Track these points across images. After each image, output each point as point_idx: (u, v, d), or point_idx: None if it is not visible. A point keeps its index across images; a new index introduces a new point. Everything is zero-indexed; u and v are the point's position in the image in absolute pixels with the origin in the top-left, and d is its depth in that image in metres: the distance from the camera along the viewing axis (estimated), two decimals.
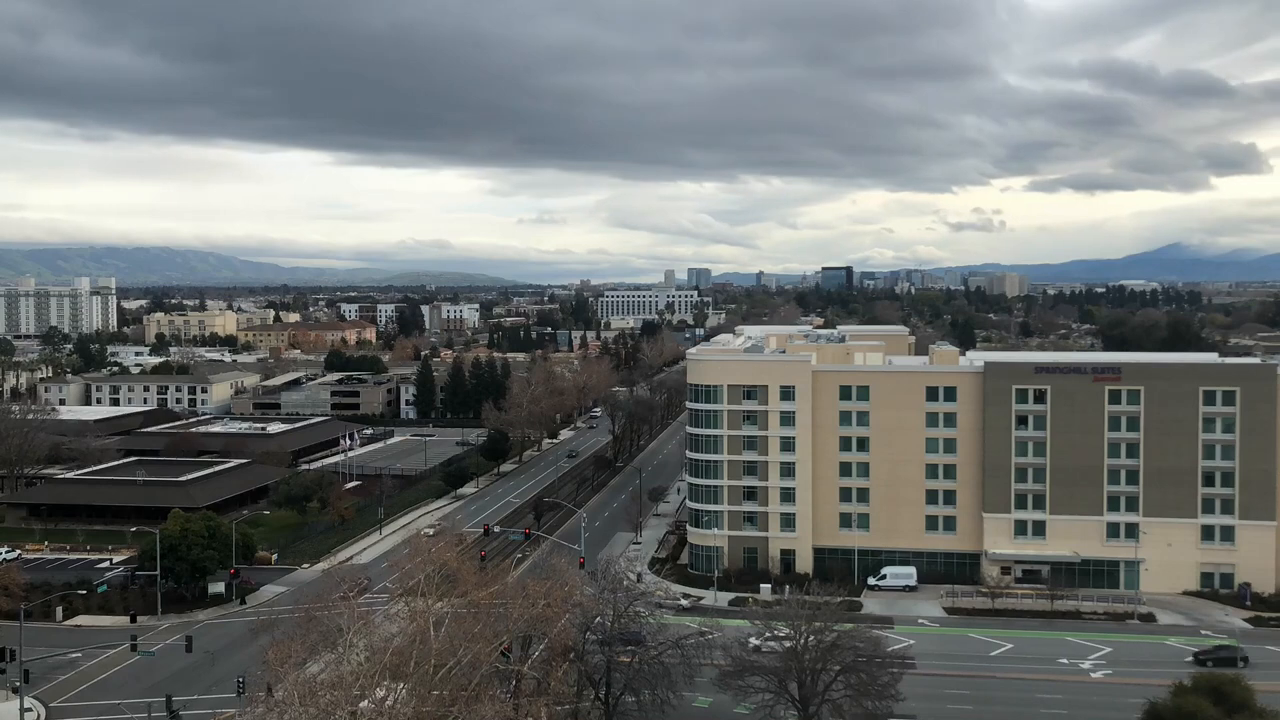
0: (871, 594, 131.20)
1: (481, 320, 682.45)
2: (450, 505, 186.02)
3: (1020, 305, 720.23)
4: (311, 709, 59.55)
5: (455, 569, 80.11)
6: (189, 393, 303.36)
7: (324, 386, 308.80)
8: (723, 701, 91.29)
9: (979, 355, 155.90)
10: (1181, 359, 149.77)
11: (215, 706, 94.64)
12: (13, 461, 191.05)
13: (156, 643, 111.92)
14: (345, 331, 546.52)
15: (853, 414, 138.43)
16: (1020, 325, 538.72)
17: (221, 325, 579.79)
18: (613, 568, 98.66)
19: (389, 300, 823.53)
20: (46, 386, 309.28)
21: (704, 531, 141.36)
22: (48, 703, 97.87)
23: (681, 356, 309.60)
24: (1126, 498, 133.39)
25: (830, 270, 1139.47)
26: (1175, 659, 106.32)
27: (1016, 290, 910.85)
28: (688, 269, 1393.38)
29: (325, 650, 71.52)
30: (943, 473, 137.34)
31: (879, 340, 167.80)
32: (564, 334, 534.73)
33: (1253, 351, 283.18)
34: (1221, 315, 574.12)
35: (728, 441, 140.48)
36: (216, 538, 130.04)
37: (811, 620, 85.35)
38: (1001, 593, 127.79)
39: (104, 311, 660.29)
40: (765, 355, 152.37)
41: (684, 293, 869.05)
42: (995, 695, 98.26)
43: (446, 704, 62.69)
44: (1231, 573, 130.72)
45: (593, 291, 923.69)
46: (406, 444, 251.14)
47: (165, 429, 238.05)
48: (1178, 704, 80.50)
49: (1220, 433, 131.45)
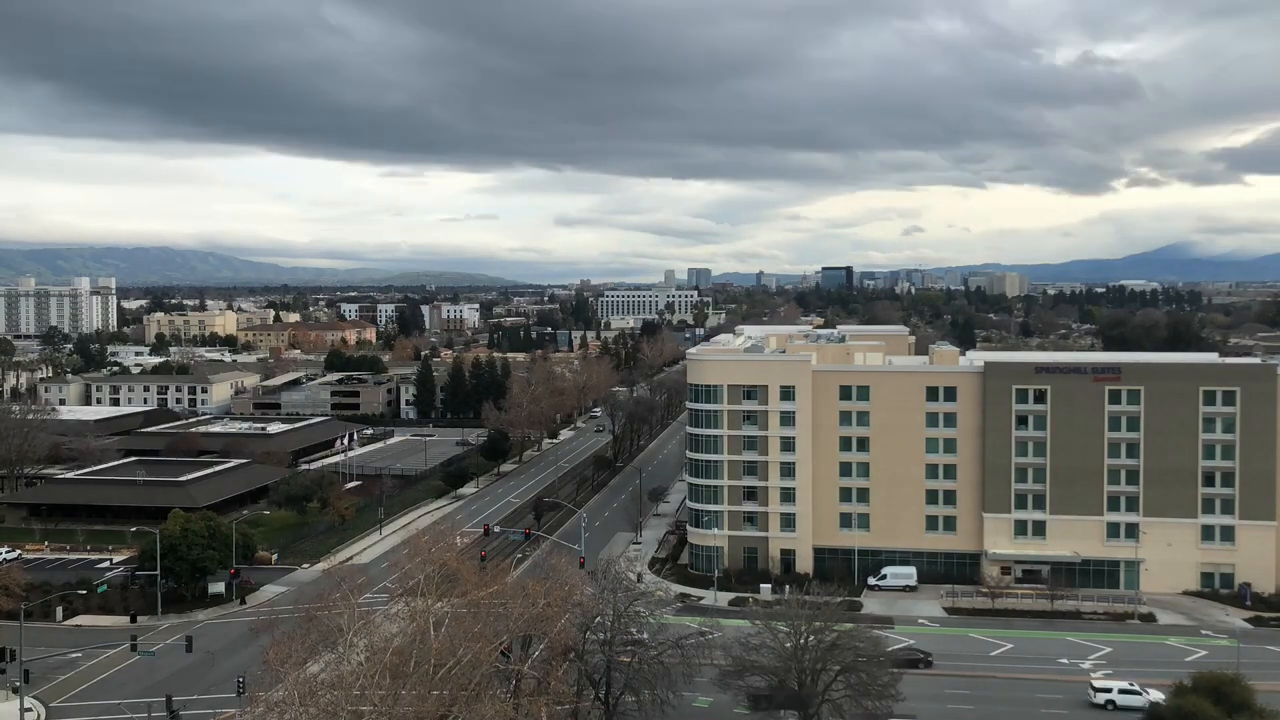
0: (871, 594, 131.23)
1: (481, 320, 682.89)
2: (450, 505, 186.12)
3: (1020, 305, 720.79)
4: (311, 709, 59.57)
5: (455, 569, 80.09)
6: (189, 393, 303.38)
7: (324, 386, 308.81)
8: (723, 701, 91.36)
9: (979, 355, 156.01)
10: (1181, 359, 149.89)
11: (215, 706, 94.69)
12: (13, 461, 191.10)
13: (156, 643, 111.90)
14: (345, 331, 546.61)
15: (853, 414, 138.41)
16: (1020, 325, 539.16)
17: (221, 325, 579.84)
18: (613, 568, 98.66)
19: (389, 300, 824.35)
20: (46, 386, 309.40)
21: (704, 531, 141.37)
22: (48, 703, 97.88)
23: (681, 356, 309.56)
24: (1126, 498, 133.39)
25: (830, 270, 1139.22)
26: (1175, 659, 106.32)
27: (1016, 290, 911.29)
28: (688, 269, 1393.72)
29: (325, 650, 71.53)
30: (943, 473, 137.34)
31: (879, 340, 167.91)
32: (564, 334, 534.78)
33: (1253, 351, 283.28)
34: (1221, 315, 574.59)
35: (728, 441, 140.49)
36: (216, 538, 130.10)
37: (811, 620, 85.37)
38: (1001, 593, 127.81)
39: (104, 311, 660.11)
40: (765, 355, 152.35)
41: (684, 293, 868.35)
42: (995, 695, 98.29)
43: (446, 704, 62.68)
44: (1231, 573, 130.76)
45: (593, 291, 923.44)
46: (406, 444, 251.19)
47: (165, 429, 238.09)
48: (1178, 704, 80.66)
49: (1220, 433, 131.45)
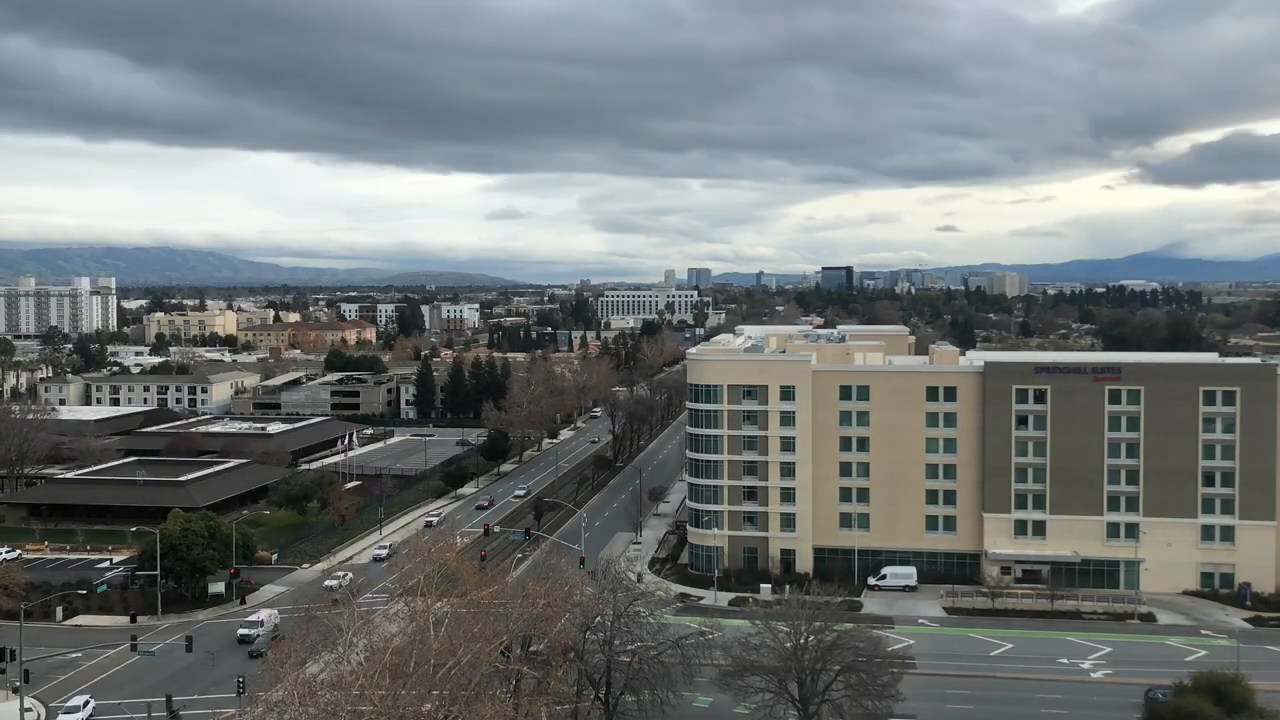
0: (871, 594, 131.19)
1: (481, 320, 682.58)
2: (450, 505, 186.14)
3: (1020, 305, 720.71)
4: (311, 709, 59.56)
5: (455, 569, 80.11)
6: (189, 393, 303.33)
7: (324, 386, 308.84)
8: (723, 701, 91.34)
9: (979, 355, 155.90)
10: (1181, 359, 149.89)
11: (215, 706, 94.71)
12: (13, 461, 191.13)
13: (156, 643, 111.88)
14: (345, 331, 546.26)
15: (853, 414, 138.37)
16: (1020, 325, 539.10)
17: (221, 325, 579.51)
18: (613, 568, 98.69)
19: (389, 300, 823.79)
20: (46, 386, 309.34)
21: (704, 531, 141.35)
22: (48, 703, 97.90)
23: (681, 356, 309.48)
24: (1126, 498, 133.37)
25: (830, 270, 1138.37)
26: (1175, 659, 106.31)
27: (1016, 290, 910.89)
28: (688, 269, 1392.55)
29: (325, 650, 71.53)
30: (943, 473, 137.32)
31: (879, 340, 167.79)
32: (564, 334, 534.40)
33: (1253, 351, 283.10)
34: (1221, 315, 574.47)
35: (728, 441, 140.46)
36: (216, 538, 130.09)
37: (811, 620, 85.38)
38: (1001, 593, 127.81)
39: (104, 311, 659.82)
40: (765, 355, 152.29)
41: (684, 293, 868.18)
42: (995, 695, 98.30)
43: (446, 704, 62.66)
44: (1231, 573, 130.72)
45: (593, 291, 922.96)
46: (406, 444, 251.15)
47: (165, 429, 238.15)
48: (1178, 704, 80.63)
49: (1220, 433, 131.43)
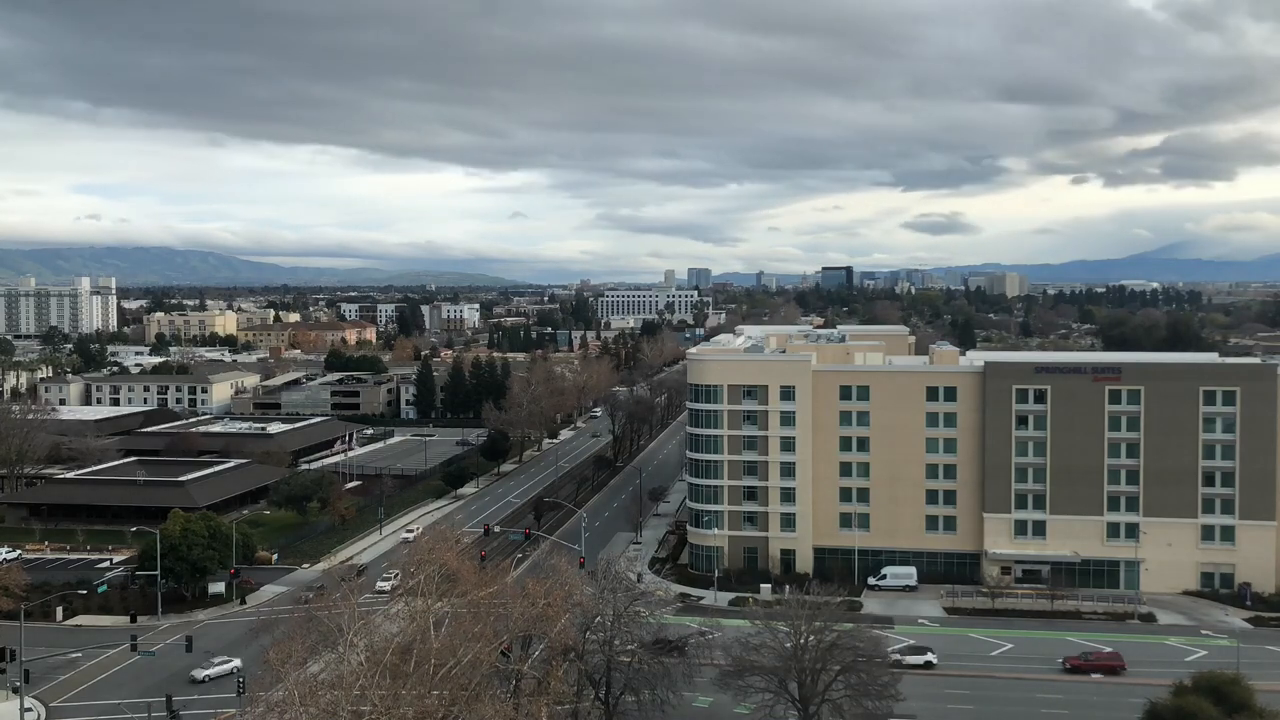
0: (871, 594, 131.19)
1: (481, 320, 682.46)
2: (450, 505, 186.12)
3: (1020, 305, 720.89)
4: (311, 709, 59.54)
5: (455, 569, 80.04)
6: (189, 393, 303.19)
7: (324, 386, 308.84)
8: (723, 701, 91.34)
9: (979, 355, 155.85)
10: (1181, 359, 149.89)
11: (215, 706, 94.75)
12: (13, 461, 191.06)
13: (156, 643, 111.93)
14: (345, 331, 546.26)
15: (853, 414, 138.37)
16: (1020, 325, 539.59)
17: (221, 325, 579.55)
18: (613, 567, 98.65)
19: (389, 300, 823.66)
20: (46, 386, 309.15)
21: (704, 531, 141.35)
22: (48, 703, 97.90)
23: (681, 356, 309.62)
24: (1126, 498, 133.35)
25: (830, 270, 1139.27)
26: (1175, 659, 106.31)
27: (1016, 290, 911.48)
28: (688, 269, 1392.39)
29: (325, 650, 71.51)
30: (943, 473, 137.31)
31: (879, 340, 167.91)
32: (564, 334, 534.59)
33: (1253, 351, 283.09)
34: (1221, 315, 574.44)
35: (728, 441, 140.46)
36: (216, 538, 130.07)
37: (811, 620, 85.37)
38: (1001, 593, 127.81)
39: (104, 311, 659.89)
40: (765, 355, 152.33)
41: (684, 293, 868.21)
42: (995, 695, 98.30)
43: (446, 704, 62.66)
44: (1231, 573, 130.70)
45: (593, 291, 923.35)
46: (406, 444, 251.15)
47: (165, 429, 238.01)
48: (1178, 704, 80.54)
49: (1220, 433, 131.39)
